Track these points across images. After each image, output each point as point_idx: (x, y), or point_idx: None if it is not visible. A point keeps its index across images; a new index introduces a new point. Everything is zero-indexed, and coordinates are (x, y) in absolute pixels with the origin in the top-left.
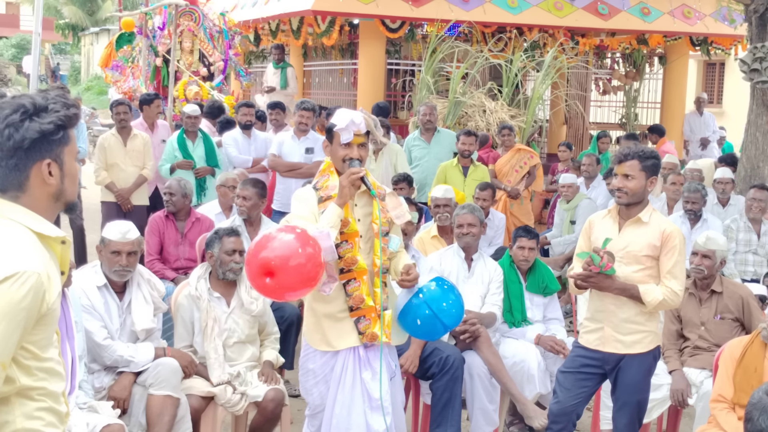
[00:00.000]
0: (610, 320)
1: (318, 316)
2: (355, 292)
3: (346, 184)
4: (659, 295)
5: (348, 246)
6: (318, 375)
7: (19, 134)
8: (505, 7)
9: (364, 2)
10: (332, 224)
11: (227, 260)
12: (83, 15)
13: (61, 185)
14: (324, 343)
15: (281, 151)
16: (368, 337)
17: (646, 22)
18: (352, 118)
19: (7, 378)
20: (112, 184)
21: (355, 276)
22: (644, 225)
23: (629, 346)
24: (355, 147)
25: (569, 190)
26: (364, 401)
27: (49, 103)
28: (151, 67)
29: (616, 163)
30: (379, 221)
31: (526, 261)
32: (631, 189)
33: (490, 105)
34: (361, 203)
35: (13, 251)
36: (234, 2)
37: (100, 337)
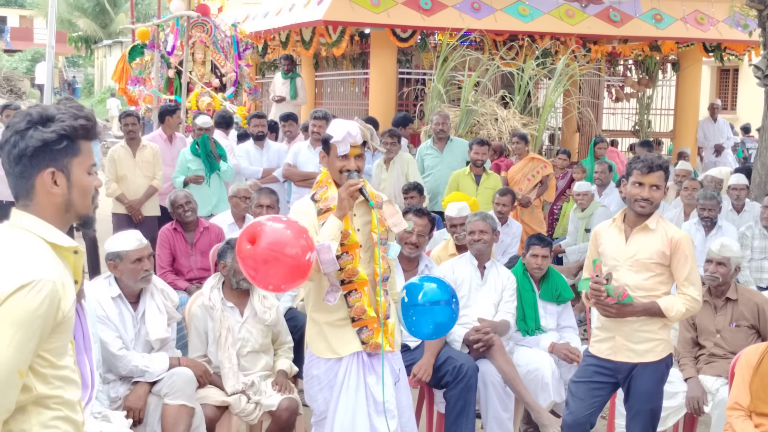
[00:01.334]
0: (621, 329)
1: (320, 325)
2: (356, 303)
3: (344, 196)
4: (681, 308)
5: (348, 257)
6: (322, 381)
7: (23, 142)
8: (517, 15)
9: (375, 12)
10: (332, 236)
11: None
12: (96, 27)
13: (69, 196)
14: (328, 350)
15: (297, 160)
16: (371, 346)
17: (658, 29)
18: (348, 129)
19: (24, 386)
20: (122, 195)
21: (356, 287)
22: (651, 232)
23: (641, 355)
24: (352, 158)
25: (584, 198)
26: (369, 405)
27: (57, 114)
28: (164, 78)
29: (644, 173)
30: (378, 230)
31: (539, 269)
32: (658, 199)
33: (502, 113)
34: (359, 213)
35: (28, 260)
36: (246, 13)
37: (115, 347)
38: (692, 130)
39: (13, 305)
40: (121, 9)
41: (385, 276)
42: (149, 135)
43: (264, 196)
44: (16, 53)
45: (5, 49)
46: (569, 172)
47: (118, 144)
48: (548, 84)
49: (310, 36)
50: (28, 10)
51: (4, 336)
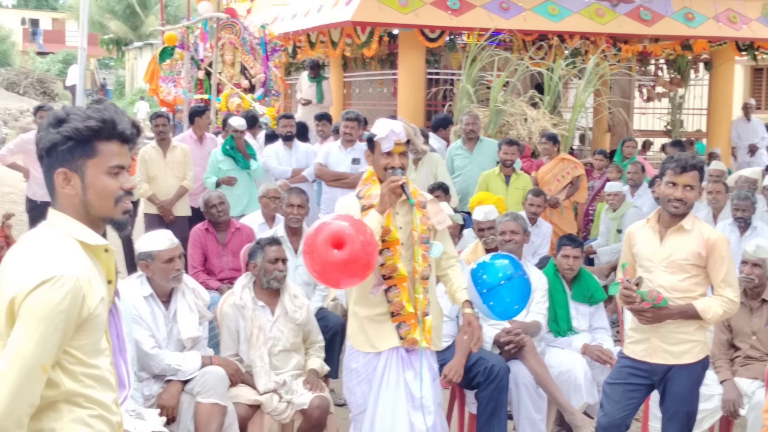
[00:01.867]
0: (657, 330)
1: (360, 319)
2: (395, 299)
3: (386, 192)
4: (719, 309)
5: (389, 253)
6: (361, 374)
7: (41, 143)
8: (546, 15)
9: (403, 12)
10: (373, 231)
11: (271, 269)
12: (127, 30)
13: (84, 197)
14: (367, 344)
15: (328, 160)
16: (408, 342)
17: (690, 28)
18: (392, 127)
19: (50, 381)
20: (153, 196)
21: (395, 283)
22: (687, 233)
23: (678, 357)
24: (396, 156)
25: (615, 198)
26: (407, 401)
27: (70, 115)
28: (194, 79)
29: (678, 173)
30: (418, 229)
31: (570, 270)
32: (692, 200)
33: (532, 113)
34: (402, 211)
35: (53, 256)
36: (274, 15)
37: (148, 346)
38: (725, 129)
39: (35, 300)
40: (151, 11)
41: (425, 274)
42: (180, 136)
43: (294, 196)
44: (48, 55)
45: (38, 51)
46: (606, 173)
47: (148, 145)
48: (578, 84)
49: (338, 37)
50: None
51: (27, 330)
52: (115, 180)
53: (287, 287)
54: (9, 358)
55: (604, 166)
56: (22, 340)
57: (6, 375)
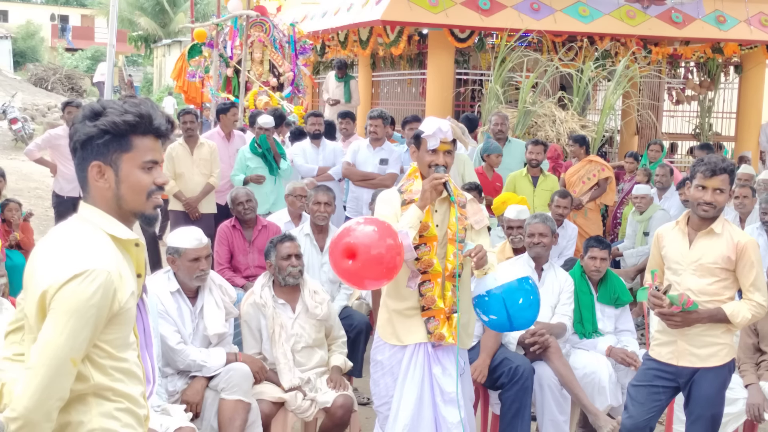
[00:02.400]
0: (684, 333)
1: (390, 311)
2: (428, 293)
3: (427, 188)
4: (747, 314)
5: (426, 249)
6: (385, 367)
7: (76, 135)
8: (576, 16)
9: (433, 12)
10: (411, 225)
11: (284, 265)
12: (156, 27)
13: (117, 191)
14: (394, 337)
15: (356, 159)
16: (436, 336)
17: (721, 31)
18: (439, 125)
19: (80, 375)
20: (180, 193)
21: (430, 278)
22: (717, 236)
23: (704, 360)
24: (441, 154)
25: (642, 201)
26: (436, 395)
27: (107, 108)
28: (222, 77)
29: (708, 177)
30: (456, 228)
31: (597, 271)
32: (721, 203)
33: (560, 115)
34: (441, 209)
35: (84, 250)
36: (304, 13)
37: (173, 341)
38: (755, 133)
39: (66, 294)
40: (180, 8)
41: (456, 273)
42: (207, 133)
43: (321, 194)
44: (77, 51)
45: (67, 47)
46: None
47: (176, 142)
48: (607, 86)
49: (368, 36)
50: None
51: (57, 324)
52: (149, 175)
53: (306, 283)
54: (39, 351)
55: (634, 169)
56: (53, 334)
57: (36, 369)
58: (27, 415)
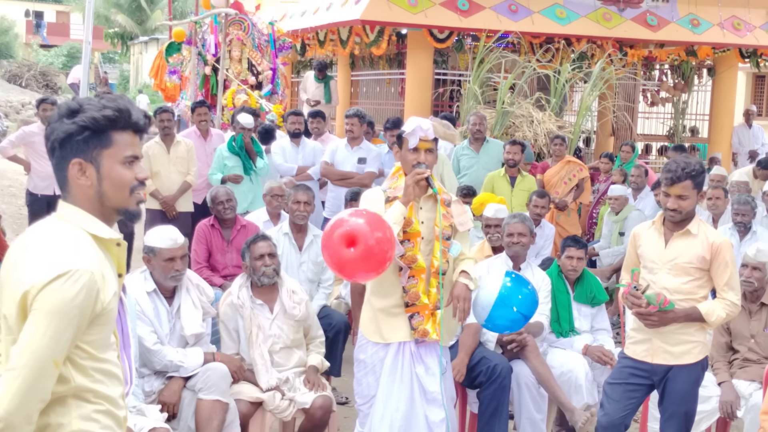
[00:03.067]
0: (658, 331)
1: (374, 309)
2: (412, 289)
3: (410, 183)
4: (722, 312)
5: (409, 245)
6: (368, 365)
7: (54, 134)
8: (554, 18)
9: (412, 12)
10: (395, 221)
11: (258, 265)
12: (132, 24)
13: (99, 188)
14: (377, 334)
15: (334, 159)
16: (420, 333)
17: (695, 34)
18: (419, 124)
19: (61, 377)
20: (156, 191)
21: (414, 273)
22: (693, 236)
23: (678, 357)
24: (423, 152)
25: (617, 202)
26: (420, 395)
27: (84, 105)
28: (200, 75)
29: (668, 185)
30: (440, 225)
31: (574, 271)
32: (686, 208)
33: (538, 115)
34: (426, 207)
35: (66, 250)
36: (283, 12)
37: (150, 341)
38: (727, 135)
39: (49, 295)
40: (157, 6)
41: (442, 269)
42: (184, 131)
43: (301, 193)
44: (52, 48)
45: (41, 44)
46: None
47: (152, 140)
48: (584, 87)
49: (347, 35)
50: (65, 6)
51: (40, 325)
52: (130, 170)
53: (284, 283)
54: (21, 353)
55: (609, 169)
56: (34, 336)
57: (18, 371)
58: (7, 418)
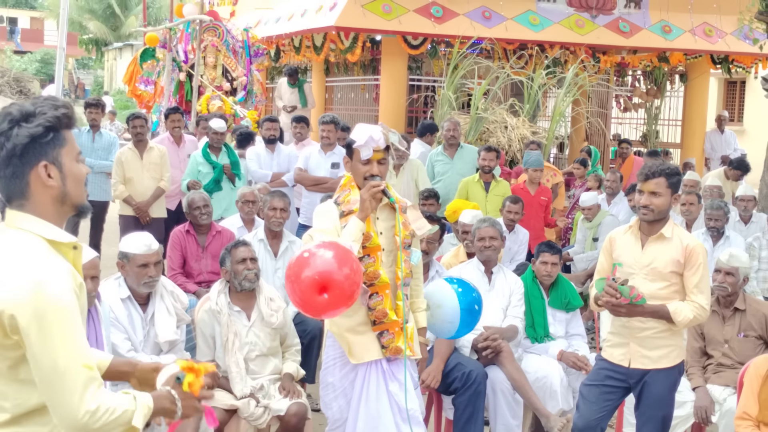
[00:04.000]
0: (635, 336)
1: (341, 329)
2: (378, 306)
3: (366, 197)
4: (689, 314)
5: (370, 260)
6: (337, 389)
7: (9, 142)
8: (527, 25)
9: (386, 19)
10: (354, 238)
11: (240, 269)
12: (107, 30)
13: (64, 187)
14: (348, 355)
15: (308, 165)
16: (392, 351)
17: (667, 40)
18: (371, 134)
19: None
20: (130, 197)
21: (378, 290)
22: (667, 240)
23: (655, 361)
24: (375, 163)
25: (590, 211)
26: (394, 413)
27: (36, 108)
28: (175, 81)
29: (642, 181)
30: (401, 234)
31: (548, 276)
32: (658, 206)
33: (512, 121)
34: (383, 216)
35: (36, 259)
36: (257, 18)
37: (123, 349)
38: (699, 140)
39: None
40: (131, 12)
41: (407, 281)
42: (158, 138)
43: (277, 200)
44: (26, 54)
45: (15, 50)
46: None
47: (125, 146)
48: (557, 93)
49: (322, 42)
50: (39, 12)
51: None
52: (82, 165)
53: (262, 290)
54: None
55: (583, 174)
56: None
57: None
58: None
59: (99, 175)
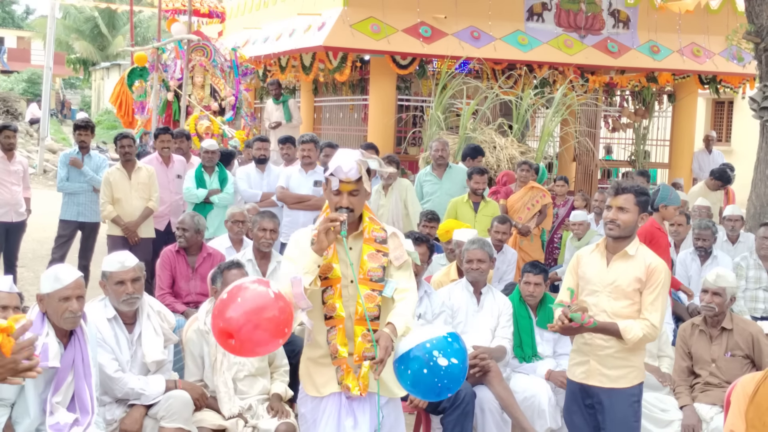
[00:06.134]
0: (595, 353)
1: (306, 360)
2: (332, 341)
3: (321, 229)
4: (639, 332)
5: (330, 292)
6: (308, 420)
7: None
8: (516, 45)
9: (375, 39)
10: (307, 270)
11: None
12: (94, 50)
13: None
14: (312, 387)
15: (289, 184)
16: (343, 387)
17: (655, 60)
18: (340, 164)
19: None
20: (118, 217)
21: (334, 324)
22: (631, 259)
23: (614, 381)
24: (345, 195)
25: (580, 228)
26: None
27: None
28: (162, 101)
29: (611, 195)
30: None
31: (532, 296)
32: (625, 222)
33: (501, 141)
34: (356, 247)
35: None
36: (246, 38)
37: (110, 369)
38: (687, 160)
39: None
40: (119, 32)
41: (369, 315)
42: (146, 158)
43: (267, 221)
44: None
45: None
46: (570, 200)
47: (113, 167)
48: (546, 113)
49: (311, 61)
50: (26, 32)
51: None
52: None
53: None
54: None
55: (566, 193)
56: None
57: None
58: None
59: (90, 195)
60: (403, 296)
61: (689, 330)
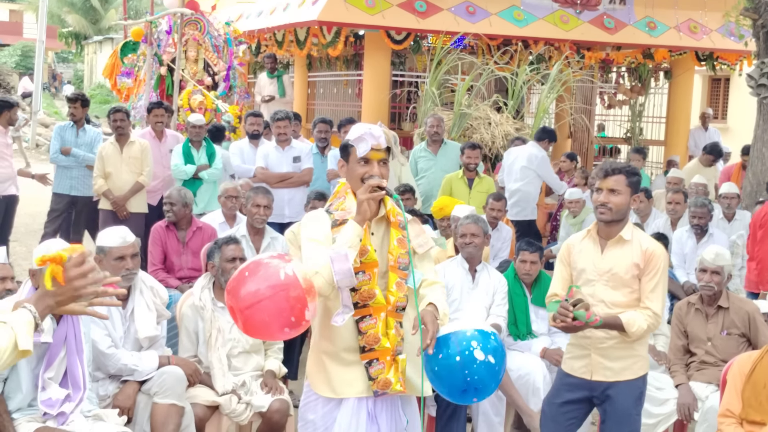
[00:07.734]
0: (596, 346)
1: (321, 354)
2: (369, 330)
3: (364, 199)
4: (643, 324)
5: (365, 277)
6: (318, 427)
7: None
8: (511, 20)
9: (369, 13)
10: (351, 244)
11: (228, 268)
12: (87, 23)
13: None
14: (327, 388)
15: (267, 163)
16: (380, 384)
17: (652, 37)
18: (369, 130)
19: None
20: (108, 191)
21: (371, 312)
22: (627, 243)
23: (618, 373)
24: (375, 163)
25: (576, 205)
26: None
27: None
28: (155, 75)
29: (601, 177)
30: (395, 252)
31: (528, 274)
32: (617, 205)
33: (495, 117)
34: (379, 232)
35: None
36: (239, 12)
37: (103, 345)
38: (683, 138)
39: None
40: (111, 5)
41: (400, 306)
42: (139, 132)
43: (261, 196)
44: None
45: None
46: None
47: (107, 141)
48: (541, 89)
49: (305, 36)
50: (19, 5)
51: None
52: None
53: None
54: None
55: (572, 168)
56: None
57: None
58: None
59: (83, 170)
60: (431, 288)
61: (685, 308)
